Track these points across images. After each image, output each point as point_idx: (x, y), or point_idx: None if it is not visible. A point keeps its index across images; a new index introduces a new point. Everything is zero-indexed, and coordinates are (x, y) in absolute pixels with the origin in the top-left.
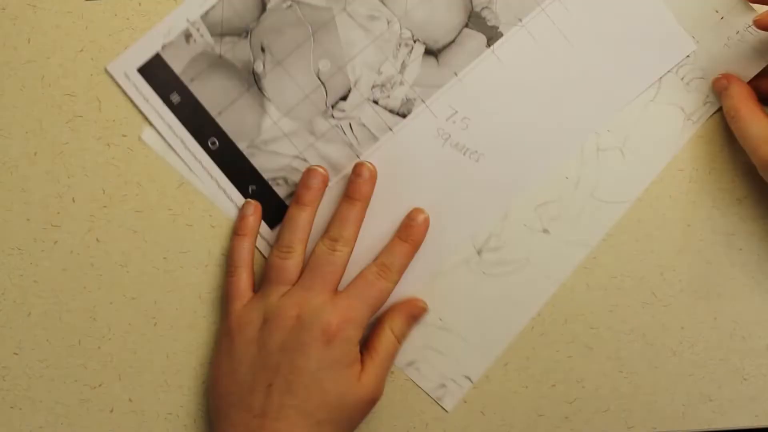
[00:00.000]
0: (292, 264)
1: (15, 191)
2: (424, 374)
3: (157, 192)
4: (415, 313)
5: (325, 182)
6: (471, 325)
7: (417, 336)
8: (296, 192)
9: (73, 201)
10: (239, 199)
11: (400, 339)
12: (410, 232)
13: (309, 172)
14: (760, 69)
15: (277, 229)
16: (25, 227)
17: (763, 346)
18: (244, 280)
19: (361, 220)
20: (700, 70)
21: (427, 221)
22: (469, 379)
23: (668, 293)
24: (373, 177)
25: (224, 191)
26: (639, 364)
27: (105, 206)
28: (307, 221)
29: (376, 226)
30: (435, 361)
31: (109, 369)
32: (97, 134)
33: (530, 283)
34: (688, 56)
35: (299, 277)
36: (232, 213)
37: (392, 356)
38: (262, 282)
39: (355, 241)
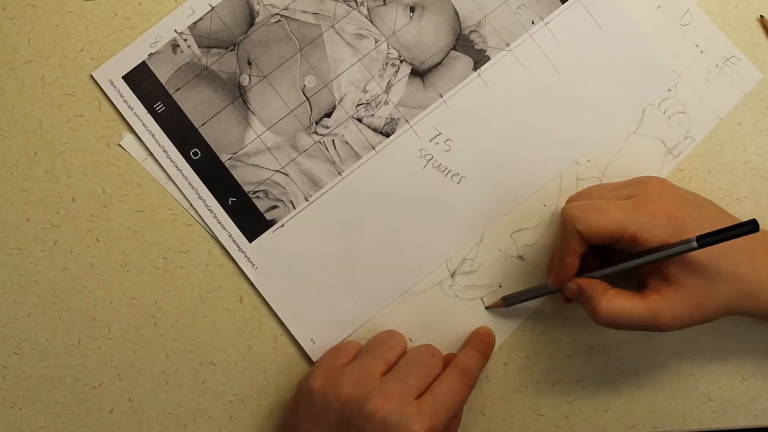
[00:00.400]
0: (397, 346)
1: (15, 191)
2: None
3: (157, 192)
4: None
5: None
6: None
7: None
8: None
9: (73, 201)
10: (219, 211)
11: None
12: (485, 346)
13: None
14: (738, 100)
15: (255, 242)
16: (25, 227)
17: (763, 346)
18: (353, 345)
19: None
20: (681, 105)
21: (494, 340)
22: None
23: None
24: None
25: (204, 201)
26: (639, 364)
27: (105, 206)
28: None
29: (358, 244)
30: None
31: (109, 369)
32: (97, 134)
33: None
34: (669, 90)
35: (395, 364)
36: (212, 222)
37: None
38: (362, 353)
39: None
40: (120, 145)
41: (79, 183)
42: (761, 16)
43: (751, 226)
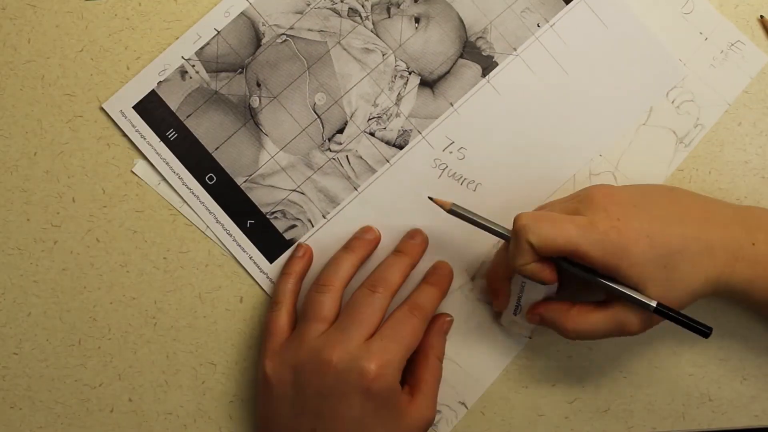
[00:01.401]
0: (328, 299)
1: (15, 191)
2: None
3: (157, 192)
4: (446, 328)
5: (377, 242)
6: (465, 351)
7: None
8: (348, 241)
9: (73, 201)
10: (238, 234)
11: (441, 359)
12: (440, 279)
13: (365, 227)
14: (746, 85)
15: (276, 263)
16: (25, 227)
17: (763, 346)
18: (283, 317)
19: (406, 274)
20: (689, 93)
21: (451, 273)
22: (465, 405)
23: None
24: (425, 243)
25: (222, 225)
26: (639, 364)
27: (105, 206)
28: (351, 264)
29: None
30: None
31: (109, 369)
32: (97, 134)
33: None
34: None
35: (336, 318)
36: (232, 246)
37: (440, 379)
38: (299, 320)
39: (396, 291)
40: (133, 171)
41: (79, 183)
42: (761, 17)
43: (705, 331)
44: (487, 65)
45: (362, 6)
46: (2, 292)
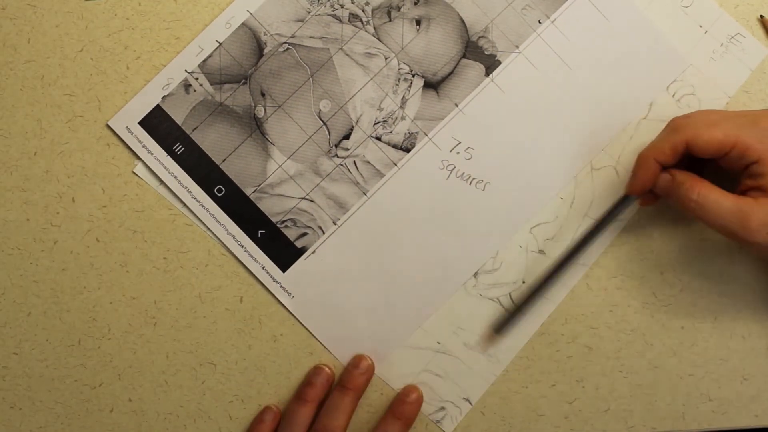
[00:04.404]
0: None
1: (15, 191)
2: (423, 398)
3: (157, 192)
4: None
5: (330, 380)
6: (468, 348)
7: (415, 360)
8: (299, 388)
9: (73, 201)
10: (249, 244)
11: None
12: (403, 410)
13: (315, 369)
14: (747, 77)
15: (289, 272)
16: (25, 227)
17: (763, 346)
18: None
19: (352, 412)
20: (690, 86)
21: (420, 399)
22: (469, 401)
23: (668, 293)
24: (370, 371)
25: (233, 237)
26: (639, 364)
27: (105, 206)
28: (307, 417)
29: (391, 261)
30: (434, 384)
31: (109, 369)
32: (97, 134)
33: (527, 304)
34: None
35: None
36: (244, 257)
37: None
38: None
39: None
40: (134, 172)
41: (79, 183)
42: (761, 16)
43: None
44: (490, 64)
45: (363, 11)
46: (2, 292)
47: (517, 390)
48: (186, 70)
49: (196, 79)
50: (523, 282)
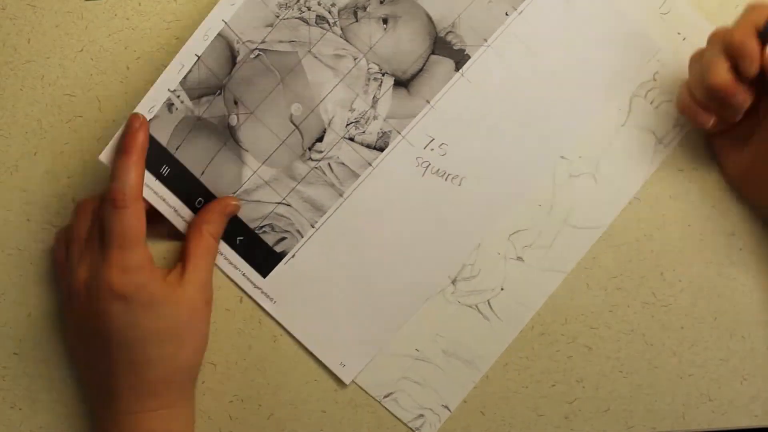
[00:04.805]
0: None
1: (15, 191)
2: (401, 405)
3: None
4: (229, 211)
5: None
6: (446, 355)
7: (394, 367)
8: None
9: (73, 201)
10: (228, 252)
11: (217, 238)
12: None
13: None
14: None
15: (270, 277)
16: (25, 227)
17: (763, 346)
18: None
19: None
20: (668, 93)
21: (145, 125)
22: (447, 408)
23: (668, 293)
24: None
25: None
26: (639, 364)
27: None
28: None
29: (370, 261)
30: (412, 391)
31: None
32: (97, 134)
33: (505, 311)
34: (655, 80)
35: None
36: (224, 265)
37: (213, 256)
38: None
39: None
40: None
41: (79, 183)
42: None
43: None
44: (460, 59)
45: (329, 12)
46: (2, 292)
47: (517, 390)
48: (169, 89)
49: (178, 96)
50: (502, 289)
